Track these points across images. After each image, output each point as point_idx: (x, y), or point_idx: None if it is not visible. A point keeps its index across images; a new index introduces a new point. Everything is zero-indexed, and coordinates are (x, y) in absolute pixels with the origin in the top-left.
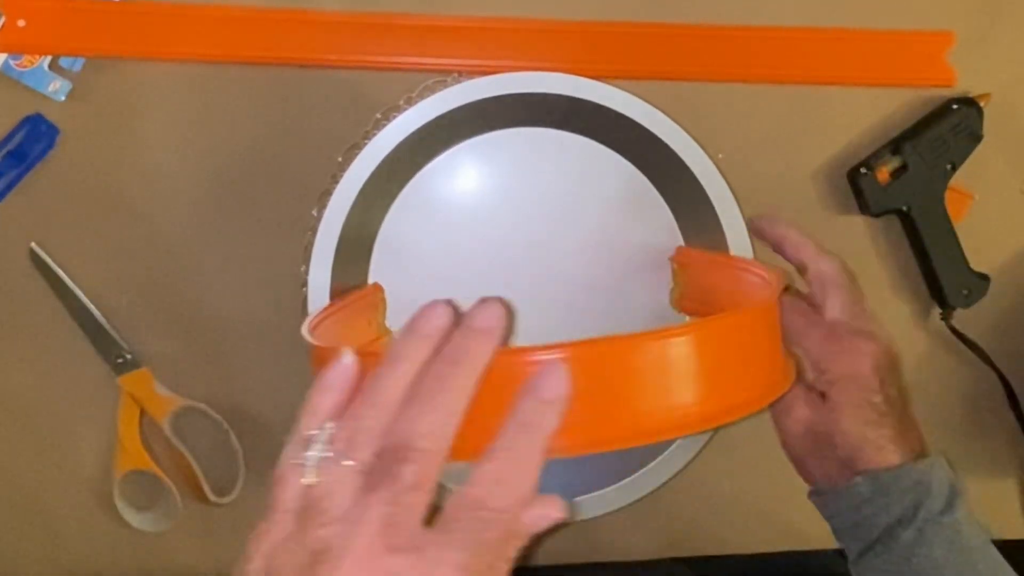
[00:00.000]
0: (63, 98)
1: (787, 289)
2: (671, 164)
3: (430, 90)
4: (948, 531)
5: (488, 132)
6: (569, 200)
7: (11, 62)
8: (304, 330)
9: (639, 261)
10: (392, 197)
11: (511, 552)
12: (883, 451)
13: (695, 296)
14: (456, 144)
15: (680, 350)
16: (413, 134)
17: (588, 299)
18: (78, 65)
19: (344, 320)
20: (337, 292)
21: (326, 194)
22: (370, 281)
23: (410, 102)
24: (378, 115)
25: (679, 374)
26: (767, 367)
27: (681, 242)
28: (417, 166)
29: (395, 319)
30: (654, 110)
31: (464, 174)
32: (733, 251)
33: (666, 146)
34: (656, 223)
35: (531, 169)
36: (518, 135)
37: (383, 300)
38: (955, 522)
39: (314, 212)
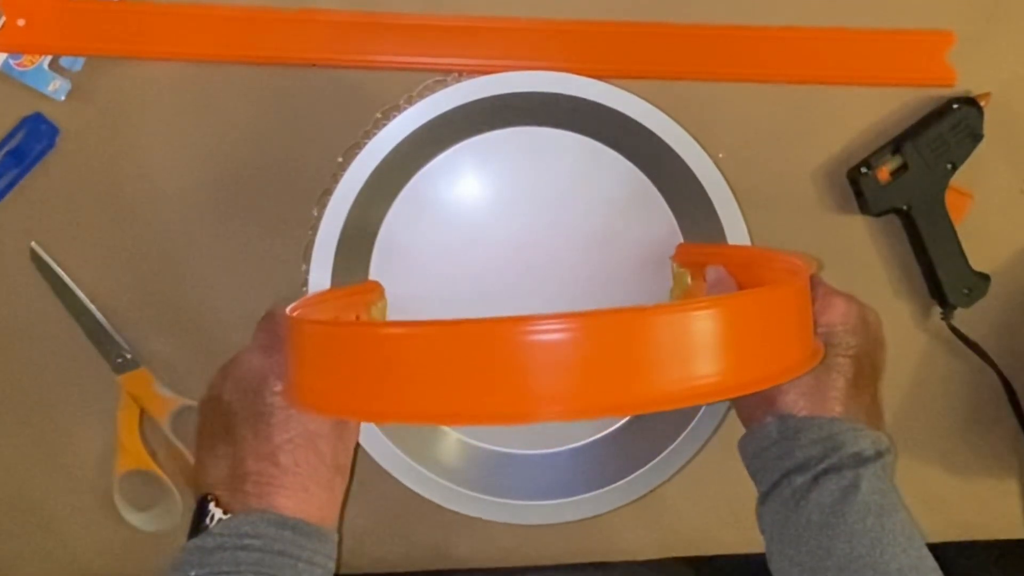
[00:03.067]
0: (63, 98)
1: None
2: (671, 163)
3: (430, 90)
4: (845, 482)
5: (488, 132)
6: (569, 199)
7: (11, 62)
8: (288, 307)
9: (639, 260)
10: (392, 196)
11: None
12: (804, 398)
13: (702, 292)
14: (456, 144)
15: (704, 323)
16: (413, 134)
17: (588, 298)
18: (78, 65)
19: (332, 311)
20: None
21: (326, 193)
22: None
23: (410, 102)
24: (378, 115)
25: (701, 345)
26: (792, 345)
27: (681, 240)
28: (417, 166)
29: (395, 317)
30: (654, 109)
31: (464, 174)
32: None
33: (666, 145)
34: (656, 222)
35: (531, 169)
36: (518, 135)
37: (382, 298)
38: (856, 477)
39: (314, 212)
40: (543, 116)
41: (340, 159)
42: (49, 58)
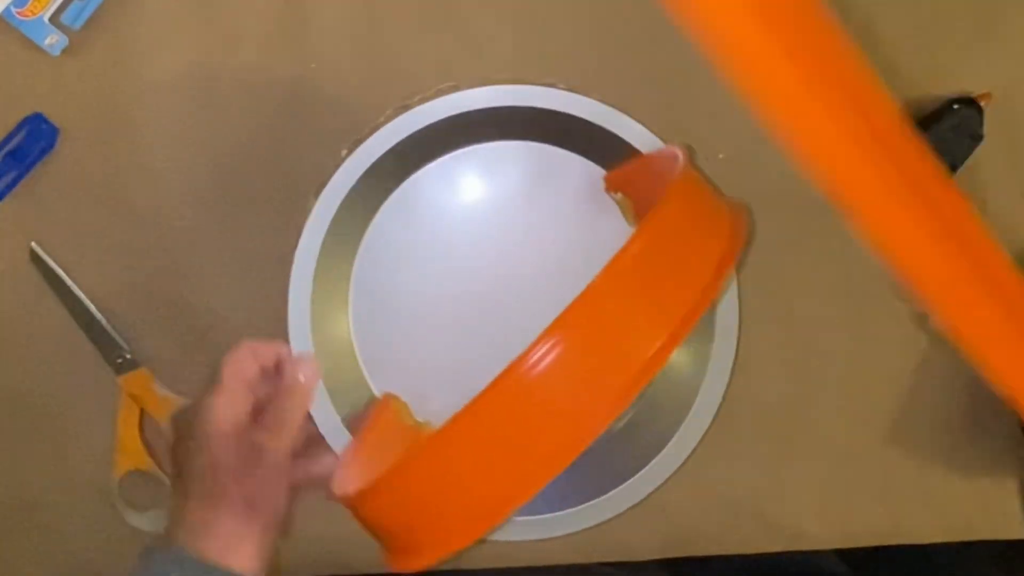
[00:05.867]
0: (57, 54)
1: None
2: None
3: (444, 92)
4: None
5: (484, 143)
6: (553, 211)
7: (13, 9)
8: (336, 486)
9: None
10: (384, 197)
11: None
12: None
13: (643, 206)
14: (456, 149)
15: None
16: (413, 135)
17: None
18: (79, 24)
19: (375, 446)
20: (353, 424)
21: (322, 186)
22: (351, 282)
23: (424, 101)
24: (388, 111)
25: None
26: (713, 236)
27: None
28: (412, 169)
29: (378, 316)
30: (614, 111)
31: (459, 180)
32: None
33: (631, 147)
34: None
35: (519, 180)
36: (508, 148)
37: (404, 404)
38: None
39: (312, 200)
40: (534, 129)
41: (344, 152)
42: (51, 11)
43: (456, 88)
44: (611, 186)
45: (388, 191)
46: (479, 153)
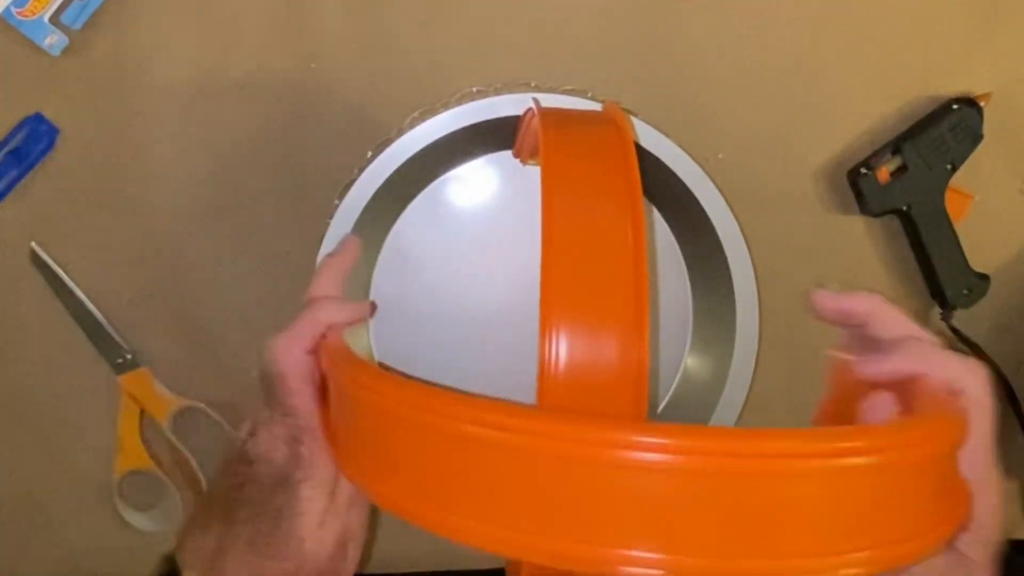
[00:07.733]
0: (58, 53)
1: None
2: (657, 170)
3: (469, 98)
4: None
5: (507, 149)
6: None
7: (12, 9)
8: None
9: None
10: (410, 198)
11: None
12: None
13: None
14: (481, 156)
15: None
16: (443, 138)
17: None
18: (79, 24)
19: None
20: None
21: (349, 186)
22: (373, 280)
23: (447, 107)
24: (415, 114)
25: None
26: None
27: (678, 251)
28: (442, 170)
29: (397, 321)
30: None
31: (484, 186)
32: (728, 250)
33: (656, 159)
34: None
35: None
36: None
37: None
38: None
39: (336, 201)
40: None
41: (369, 153)
42: (51, 11)
43: (482, 94)
44: (524, 157)
45: (412, 195)
46: (502, 160)
